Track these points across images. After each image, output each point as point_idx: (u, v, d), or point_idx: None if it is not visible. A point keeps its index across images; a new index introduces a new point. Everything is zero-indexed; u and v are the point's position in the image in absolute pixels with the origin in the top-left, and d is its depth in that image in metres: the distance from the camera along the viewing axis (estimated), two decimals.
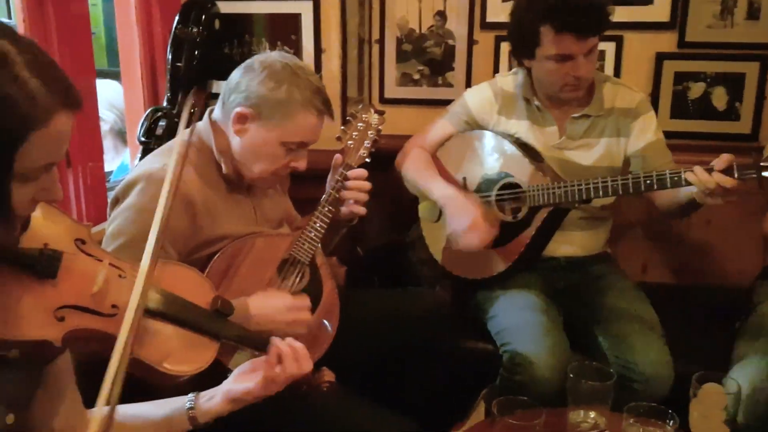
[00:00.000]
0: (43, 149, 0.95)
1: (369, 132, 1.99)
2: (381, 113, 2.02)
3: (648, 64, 2.79)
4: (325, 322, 1.95)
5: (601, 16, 2.14)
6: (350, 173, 1.95)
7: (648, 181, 2.06)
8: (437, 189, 2.29)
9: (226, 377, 1.38)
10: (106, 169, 2.87)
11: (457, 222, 2.19)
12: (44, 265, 1.09)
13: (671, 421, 1.56)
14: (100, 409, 0.98)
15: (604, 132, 2.31)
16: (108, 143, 3.18)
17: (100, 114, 3.17)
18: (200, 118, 1.93)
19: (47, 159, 0.97)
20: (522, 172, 2.28)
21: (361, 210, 1.98)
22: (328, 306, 1.96)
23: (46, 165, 0.98)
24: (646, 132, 2.30)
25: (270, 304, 1.75)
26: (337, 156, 1.98)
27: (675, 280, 2.85)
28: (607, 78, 2.37)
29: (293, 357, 1.33)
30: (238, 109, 1.79)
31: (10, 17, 2.11)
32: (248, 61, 1.84)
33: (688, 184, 1.97)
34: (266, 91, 1.77)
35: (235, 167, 1.86)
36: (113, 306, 1.15)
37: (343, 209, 1.98)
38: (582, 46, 2.11)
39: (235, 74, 1.84)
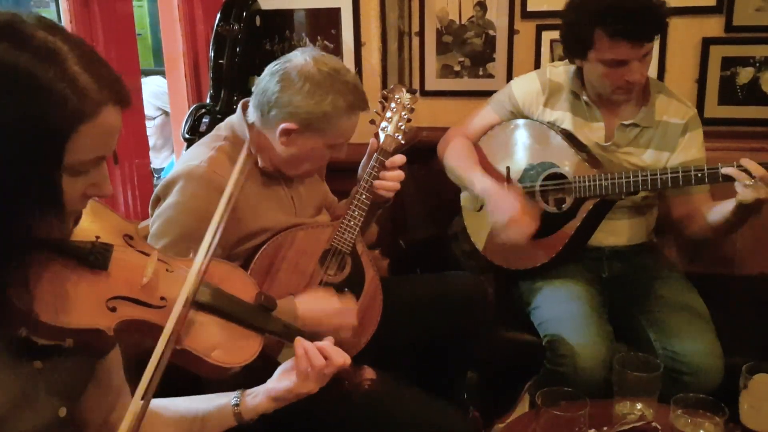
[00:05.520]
0: (92, 142, 0.97)
1: (402, 112, 1.96)
2: (413, 92, 1.98)
3: (694, 50, 2.73)
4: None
5: (657, 22, 2.07)
6: (391, 161, 1.93)
7: (699, 175, 2.01)
8: (478, 181, 2.28)
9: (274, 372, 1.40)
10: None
11: (499, 215, 2.18)
12: (96, 257, 1.12)
13: (720, 413, 1.53)
14: (136, 401, 1.00)
15: (651, 143, 2.26)
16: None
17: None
18: (233, 111, 1.94)
19: (96, 152, 0.99)
20: (568, 162, 2.25)
21: (391, 194, 1.96)
22: (370, 293, 1.97)
23: (95, 159, 1.00)
24: (690, 148, 2.25)
25: (318, 307, 1.76)
26: (373, 140, 1.95)
27: (723, 269, 2.78)
28: (661, 89, 2.30)
29: (315, 351, 1.33)
30: (284, 125, 1.76)
31: (59, 20, 2.16)
32: (282, 71, 1.77)
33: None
34: (312, 105, 1.74)
35: (275, 164, 1.87)
36: (162, 298, 1.19)
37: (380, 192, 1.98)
38: (636, 51, 2.04)
39: (271, 85, 1.76)
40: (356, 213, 1.91)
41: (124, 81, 1.02)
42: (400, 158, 1.95)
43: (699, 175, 2.01)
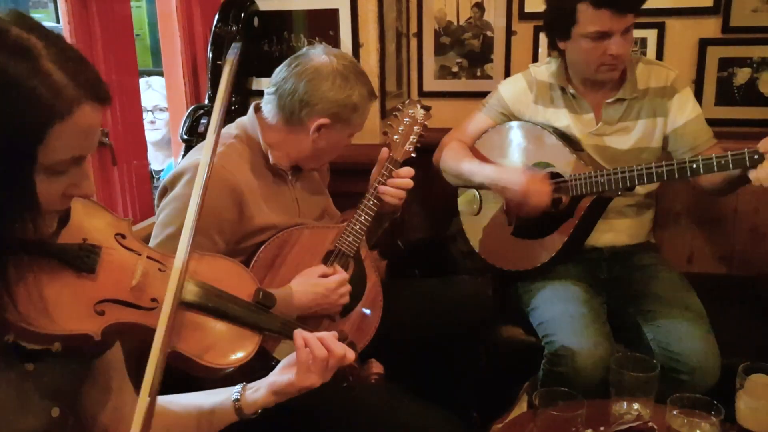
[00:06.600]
0: (68, 141, 0.95)
1: (415, 127, 2.03)
2: (427, 108, 2.05)
3: (691, 51, 2.73)
4: (365, 310, 1.98)
5: None
6: (397, 172, 1.98)
7: (694, 166, 2.02)
8: (478, 171, 2.31)
9: (272, 366, 1.39)
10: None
11: (512, 192, 2.21)
12: (83, 260, 1.10)
13: (716, 413, 1.53)
14: (142, 401, 0.99)
15: (641, 114, 2.28)
16: None
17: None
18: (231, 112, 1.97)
19: (74, 152, 0.97)
20: (563, 161, 2.26)
21: (397, 202, 2.01)
22: (371, 298, 1.99)
23: (73, 158, 0.98)
24: (684, 109, 2.27)
25: (311, 289, 1.82)
26: (384, 149, 2.01)
27: (721, 269, 2.80)
28: (639, 59, 2.33)
29: (316, 341, 1.30)
30: (319, 121, 1.85)
31: (58, 21, 2.16)
32: (308, 70, 1.84)
33: (736, 167, 1.95)
34: (344, 98, 1.85)
35: (295, 159, 1.93)
36: (153, 299, 1.16)
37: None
38: (620, 22, 2.08)
39: (300, 85, 1.84)
40: (363, 218, 1.96)
41: (104, 79, 1.00)
42: (406, 170, 2.00)
43: (694, 166, 2.02)
